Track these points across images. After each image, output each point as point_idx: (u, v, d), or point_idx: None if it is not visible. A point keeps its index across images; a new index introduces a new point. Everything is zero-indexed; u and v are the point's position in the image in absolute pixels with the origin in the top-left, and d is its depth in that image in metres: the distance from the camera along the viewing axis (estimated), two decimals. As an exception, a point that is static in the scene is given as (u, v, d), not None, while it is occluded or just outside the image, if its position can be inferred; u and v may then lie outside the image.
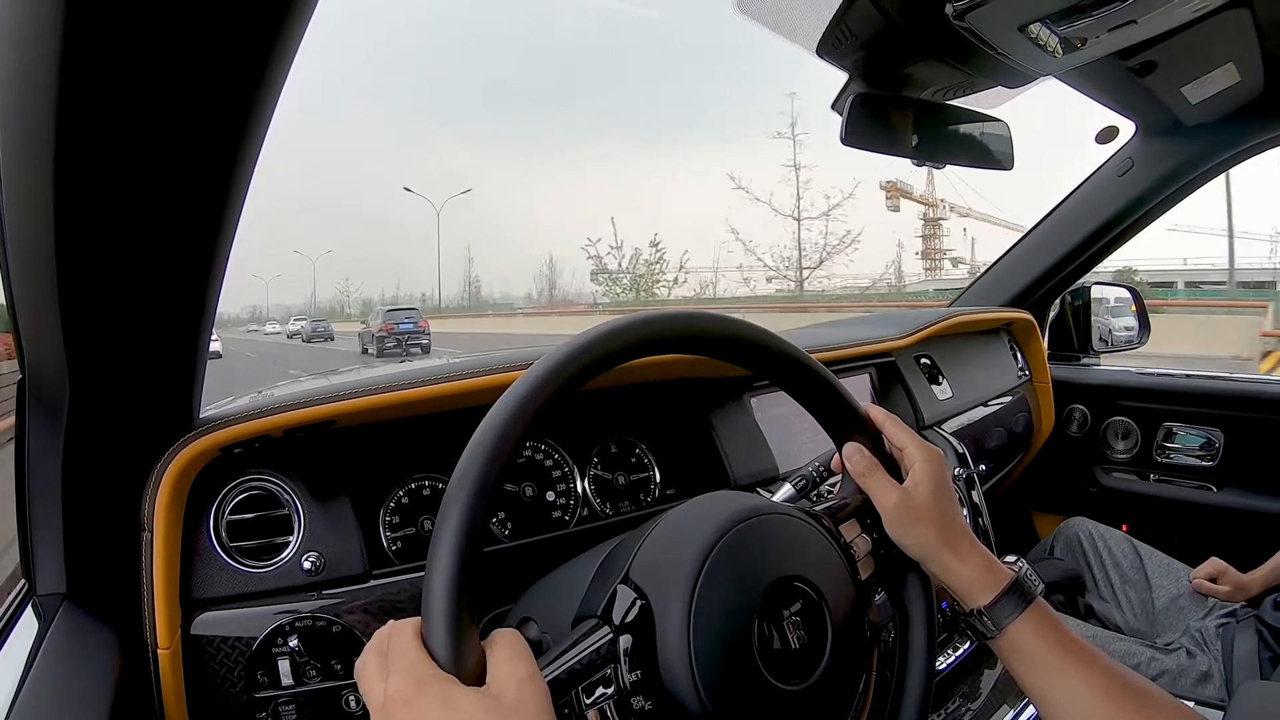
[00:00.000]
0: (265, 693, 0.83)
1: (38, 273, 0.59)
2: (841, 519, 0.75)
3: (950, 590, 0.74)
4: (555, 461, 1.10)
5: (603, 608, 0.62)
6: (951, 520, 0.74)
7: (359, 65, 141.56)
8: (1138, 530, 1.92)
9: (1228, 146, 1.80)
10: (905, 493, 0.73)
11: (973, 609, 0.71)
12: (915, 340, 1.70)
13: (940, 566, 0.73)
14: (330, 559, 0.88)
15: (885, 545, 0.76)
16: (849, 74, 1.26)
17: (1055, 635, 0.70)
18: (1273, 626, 1.46)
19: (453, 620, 0.51)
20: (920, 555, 0.73)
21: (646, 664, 0.59)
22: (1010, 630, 0.70)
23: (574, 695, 0.58)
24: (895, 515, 0.73)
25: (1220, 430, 2.01)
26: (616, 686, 0.59)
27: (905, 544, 0.74)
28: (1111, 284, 2.40)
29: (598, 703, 0.58)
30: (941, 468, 0.76)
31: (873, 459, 0.75)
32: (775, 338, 0.72)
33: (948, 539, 0.72)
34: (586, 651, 0.59)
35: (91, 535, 0.80)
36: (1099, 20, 1.01)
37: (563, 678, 0.57)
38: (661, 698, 0.59)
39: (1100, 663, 0.68)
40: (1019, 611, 0.70)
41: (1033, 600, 0.71)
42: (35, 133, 0.48)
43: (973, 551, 0.73)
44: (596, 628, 0.60)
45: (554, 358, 0.59)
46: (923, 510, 0.73)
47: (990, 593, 0.71)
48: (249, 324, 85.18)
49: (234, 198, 0.59)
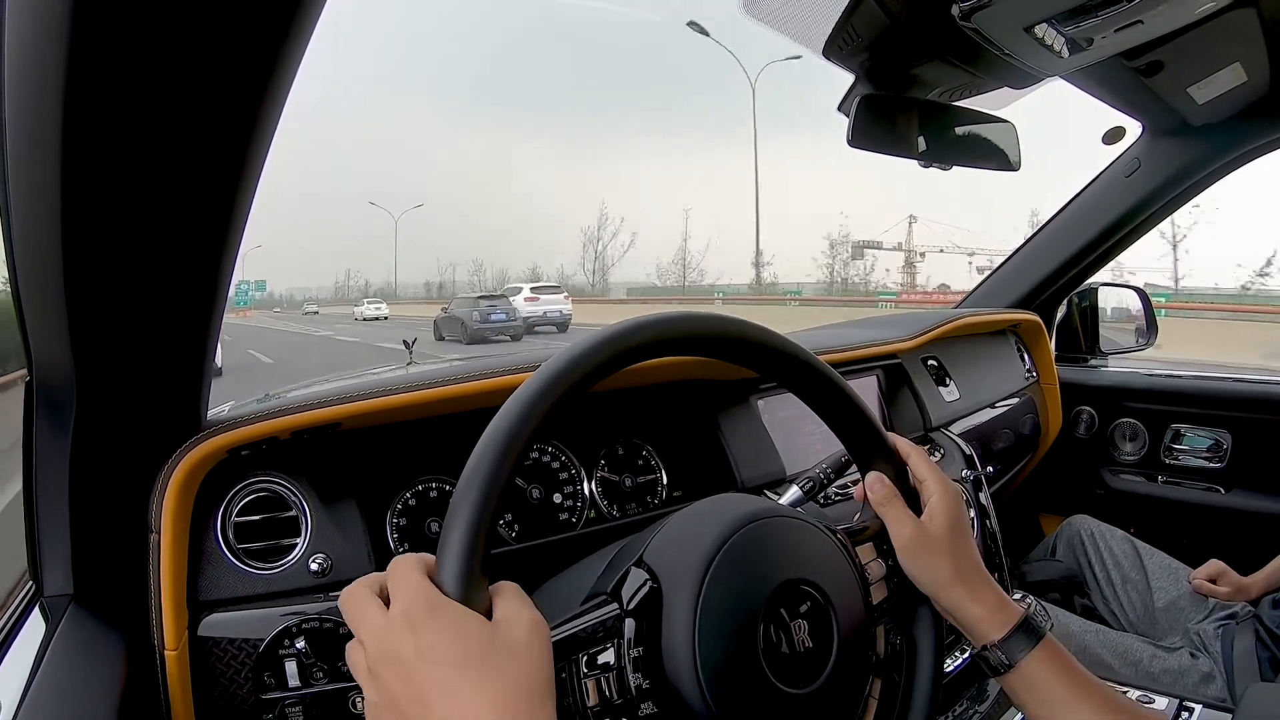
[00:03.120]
0: (272, 694, 0.83)
1: (45, 275, 0.59)
2: (859, 541, 0.75)
3: (961, 627, 0.74)
4: (562, 463, 1.10)
5: (613, 586, 0.62)
6: (965, 556, 0.74)
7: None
8: (1145, 532, 1.91)
9: (1235, 147, 1.80)
10: (921, 525, 0.74)
11: (984, 644, 0.72)
12: (922, 342, 1.70)
13: (951, 603, 0.73)
14: (337, 561, 0.88)
15: (899, 574, 0.76)
16: (855, 75, 1.26)
17: (1066, 671, 0.70)
18: (1271, 628, 1.45)
19: (469, 558, 0.51)
20: (932, 590, 0.74)
21: (650, 644, 0.60)
22: (1023, 666, 0.70)
23: (573, 663, 0.58)
24: (909, 547, 0.73)
25: (1228, 432, 2.00)
26: (616, 661, 0.59)
27: (917, 577, 0.74)
28: (1119, 285, 2.39)
29: (595, 673, 0.59)
30: (959, 504, 0.76)
31: (893, 489, 0.75)
32: (799, 349, 0.72)
33: (961, 575, 0.73)
34: (591, 622, 0.59)
35: (99, 537, 0.80)
36: (1105, 20, 1.01)
37: (564, 641, 0.58)
38: (660, 680, 0.59)
39: (1112, 699, 0.69)
40: (1030, 647, 0.70)
41: (1043, 637, 0.71)
42: (42, 134, 0.48)
43: (985, 589, 0.73)
44: (605, 603, 0.61)
45: (563, 359, 0.59)
46: (937, 544, 0.73)
47: (1002, 629, 0.71)
48: (305, 304, 78.65)
49: (241, 199, 0.59)
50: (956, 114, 1.38)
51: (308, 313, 62.54)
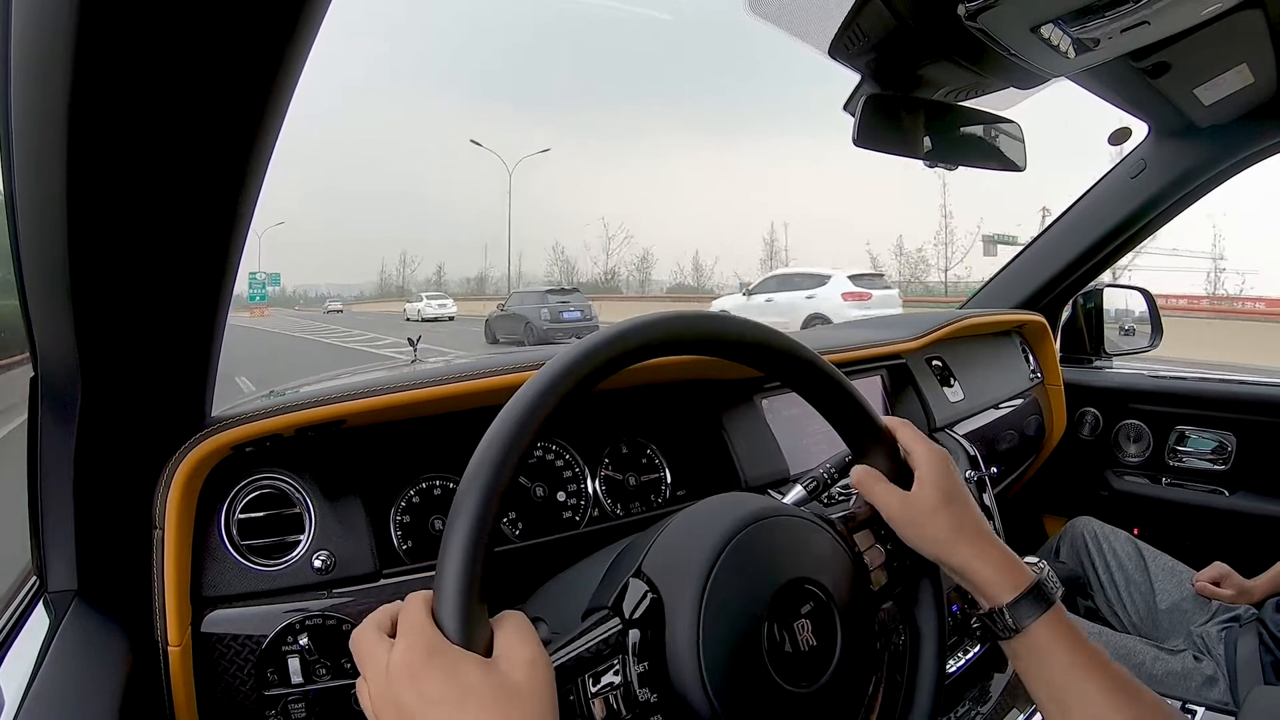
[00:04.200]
0: (275, 691, 0.83)
1: (50, 271, 0.59)
2: (854, 528, 0.75)
3: (970, 588, 0.73)
4: (566, 461, 1.10)
5: (614, 599, 0.62)
6: (966, 516, 0.73)
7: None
8: (1149, 534, 1.91)
9: (1241, 148, 1.79)
10: (908, 496, 0.73)
11: (992, 608, 0.71)
12: (927, 342, 1.70)
13: (959, 562, 0.72)
14: (341, 558, 0.88)
15: (899, 557, 0.75)
16: (861, 75, 1.26)
17: (1075, 641, 0.69)
18: (1275, 632, 1.45)
19: (465, 595, 0.51)
20: (935, 554, 0.73)
21: (654, 657, 0.59)
22: (1031, 631, 0.69)
23: (579, 683, 0.58)
24: (901, 517, 0.73)
25: (1233, 434, 1.99)
26: (623, 677, 0.59)
27: (917, 545, 0.73)
28: (1124, 286, 2.39)
29: (603, 691, 0.58)
30: (947, 466, 0.75)
31: (875, 472, 0.75)
32: (794, 343, 0.72)
33: (962, 534, 0.72)
34: (595, 641, 0.59)
35: (103, 533, 0.80)
36: (1111, 21, 1.01)
37: (569, 665, 0.57)
38: (667, 691, 0.59)
39: (1116, 671, 0.68)
40: (1040, 613, 0.69)
41: (1053, 604, 0.70)
42: (48, 131, 0.48)
43: (993, 548, 0.72)
44: (606, 618, 0.60)
45: (567, 358, 0.59)
46: (930, 509, 0.72)
47: (1011, 592, 0.70)
48: (326, 301, 70.43)
49: (247, 195, 0.59)
50: (962, 114, 1.38)
51: (331, 311, 54.90)
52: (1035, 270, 2.19)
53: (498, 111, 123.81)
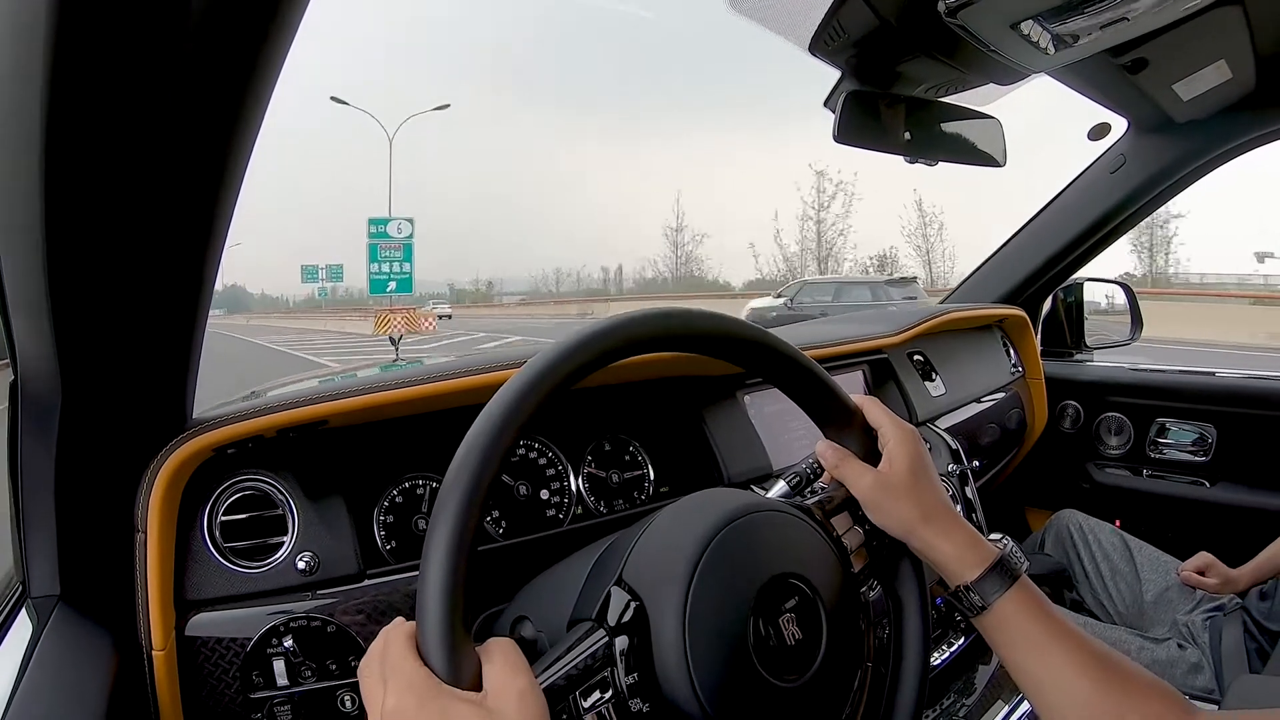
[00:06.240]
0: (260, 693, 0.83)
1: (29, 273, 0.59)
2: (830, 511, 0.75)
3: (936, 567, 0.74)
4: (549, 460, 1.10)
5: (597, 610, 0.61)
6: (929, 494, 0.74)
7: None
8: (1131, 526, 1.93)
9: (1219, 143, 1.81)
10: (878, 474, 0.73)
11: (959, 585, 0.71)
12: (908, 337, 1.71)
13: (923, 543, 0.73)
14: (324, 559, 0.88)
15: (877, 537, 0.76)
16: (841, 72, 1.26)
17: (1041, 613, 0.70)
18: (1258, 620, 1.47)
19: (448, 631, 0.50)
20: (902, 533, 0.73)
21: (643, 666, 0.59)
22: (997, 606, 0.70)
23: (571, 700, 0.57)
24: (871, 496, 0.73)
25: (1213, 426, 2.02)
26: (614, 690, 0.58)
27: (886, 524, 0.74)
28: (1104, 280, 2.40)
29: (595, 707, 0.58)
30: (916, 444, 0.75)
31: (842, 450, 0.76)
32: (762, 332, 0.72)
33: (927, 514, 0.72)
34: (582, 656, 0.58)
35: (85, 537, 0.79)
36: (1091, 17, 1.02)
37: (560, 683, 0.57)
38: (659, 700, 0.59)
39: (1085, 642, 0.68)
40: (1005, 588, 0.70)
41: (1018, 578, 0.71)
42: (25, 132, 0.48)
43: (956, 527, 0.73)
44: (591, 631, 0.60)
45: (545, 357, 0.59)
46: (899, 488, 0.73)
47: (976, 569, 0.71)
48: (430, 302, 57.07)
49: (225, 198, 0.59)
50: (942, 110, 1.38)
51: (440, 317, 44.64)
52: (1016, 265, 2.20)
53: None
